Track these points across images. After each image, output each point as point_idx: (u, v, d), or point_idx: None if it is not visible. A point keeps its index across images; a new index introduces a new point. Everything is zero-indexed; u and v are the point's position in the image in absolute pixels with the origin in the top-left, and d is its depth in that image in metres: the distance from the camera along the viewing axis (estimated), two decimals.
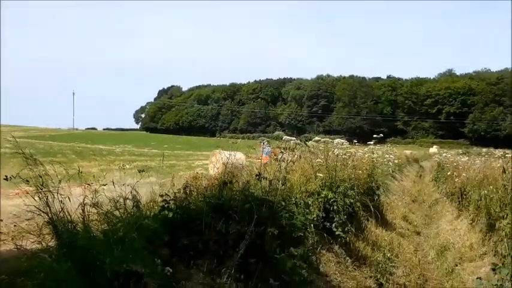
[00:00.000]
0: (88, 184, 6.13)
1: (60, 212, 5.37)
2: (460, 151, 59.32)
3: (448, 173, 25.65)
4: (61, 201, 5.43)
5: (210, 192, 7.53)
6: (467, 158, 30.86)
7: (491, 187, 14.21)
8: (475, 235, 14.39)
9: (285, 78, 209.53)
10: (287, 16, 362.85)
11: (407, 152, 61.15)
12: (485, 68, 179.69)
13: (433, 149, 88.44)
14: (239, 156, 10.91)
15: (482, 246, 13.36)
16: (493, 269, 9.52)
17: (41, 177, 5.45)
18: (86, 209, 5.64)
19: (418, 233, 17.93)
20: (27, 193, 5.38)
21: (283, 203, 8.02)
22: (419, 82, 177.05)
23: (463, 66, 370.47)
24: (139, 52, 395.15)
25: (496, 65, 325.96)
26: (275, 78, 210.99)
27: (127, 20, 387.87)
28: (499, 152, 21.51)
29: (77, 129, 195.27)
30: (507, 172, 13.69)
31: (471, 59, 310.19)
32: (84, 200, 5.70)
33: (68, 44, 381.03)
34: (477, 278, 10.23)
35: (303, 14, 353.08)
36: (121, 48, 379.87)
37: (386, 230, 15.70)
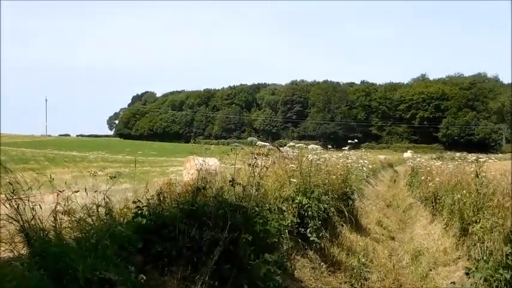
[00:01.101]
0: (60, 191, 6.07)
1: (31, 220, 5.33)
2: (434, 156, 59.82)
3: (422, 178, 25.82)
4: (32, 208, 5.39)
5: (184, 198, 7.50)
6: (440, 162, 31.08)
7: (464, 191, 14.32)
8: (448, 239, 14.48)
9: (259, 84, 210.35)
10: (261, 21, 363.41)
11: (382, 157, 61.40)
12: (458, 73, 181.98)
13: (407, 154, 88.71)
14: (213, 162, 10.91)
15: (456, 250, 13.46)
16: (467, 273, 9.59)
17: (11, 184, 5.40)
18: (58, 216, 5.60)
19: (393, 238, 17.99)
20: None
21: (257, 209, 8.02)
22: (393, 87, 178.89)
23: (436, 71, 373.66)
24: (112, 58, 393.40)
25: (468, 70, 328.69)
26: (249, 83, 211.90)
27: (99, 25, 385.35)
28: (472, 156, 21.70)
29: (50, 135, 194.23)
30: (480, 176, 13.81)
31: (444, 63, 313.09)
32: (56, 207, 5.65)
33: (40, 49, 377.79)
34: (451, 283, 10.35)
35: (277, 19, 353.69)
36: (93, 54, 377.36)
37: (361, 235, 15.75)
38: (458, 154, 36.66)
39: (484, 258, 9.59)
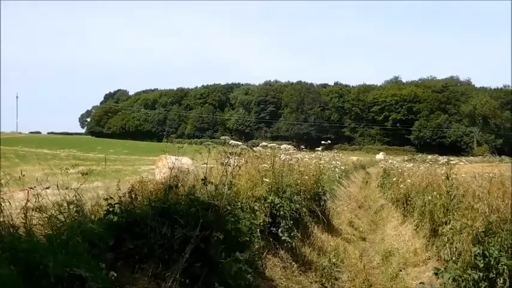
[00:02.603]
0: (31, 188, 6.04)
1: (0, 216, 5.30)
2: (406, 158, 60.21)
3: (394, 180, 25.95)
4: (0, 204, 5.36)
5: (156, 196, 7.48)
6: (412, 164, 31.26)
7: (435, 193, 14.40)
8: (419, 240, 14.60)
9: (233, 84, 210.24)
10: (236, 21, 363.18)
11: (354, 158, 61.81)
12: (431, 76, 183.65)
13: (380, 156, 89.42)
14: (185, 161, 10.88)
15: (425, 251, 13.57)
16: (436, 274, 9.71)
17: None
18: (28, 213, 5.56)
19: (364, 239, 18.09)
20: None
21: (229, 208, 8.02)
22: (366, 89, 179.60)
23: (409, 74, 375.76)
24: (84, 55, 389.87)
25: (441, 73, 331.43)
26: (223, 83, 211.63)
27: (72, 21, 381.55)
28: (443, 159, 21.86)
29: (20, 133, 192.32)
30: (450, 178, 13.92)
31: (417, 66, 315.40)
32: (26, 203, 5.62)
33: (9, 45, 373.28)
34: (420, 283, 10.44)
35: (251, 19, 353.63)
36: (66, 51, 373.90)
37: (332, 236, 15.81)
38: (430, 156, 36.88)
39: (453, 258, 9.70)
